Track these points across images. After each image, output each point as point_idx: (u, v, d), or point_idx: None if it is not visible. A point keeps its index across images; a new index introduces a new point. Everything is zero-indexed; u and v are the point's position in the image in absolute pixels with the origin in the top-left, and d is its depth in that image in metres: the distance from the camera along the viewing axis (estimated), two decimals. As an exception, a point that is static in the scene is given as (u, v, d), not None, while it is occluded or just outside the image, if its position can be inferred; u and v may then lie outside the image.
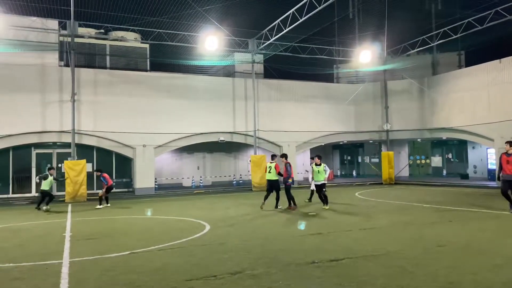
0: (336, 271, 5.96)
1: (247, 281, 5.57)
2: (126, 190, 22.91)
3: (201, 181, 26.70)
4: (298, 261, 6.54)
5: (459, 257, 6.66)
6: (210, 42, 21.41)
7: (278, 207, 13.51)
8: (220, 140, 24.33)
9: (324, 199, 13.51)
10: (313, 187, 15.10)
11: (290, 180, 13.42)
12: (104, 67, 22.65)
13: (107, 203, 16.00)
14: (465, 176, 26.94)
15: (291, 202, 13.34)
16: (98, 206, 15.54)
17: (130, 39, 23.55)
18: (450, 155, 31.27)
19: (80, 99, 20.82)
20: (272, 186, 13.39)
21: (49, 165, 19.51)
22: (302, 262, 6.47)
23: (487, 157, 25.06)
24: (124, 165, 23.21)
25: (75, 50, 20.26)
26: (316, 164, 13.63)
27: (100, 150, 22.10)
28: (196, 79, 24.23)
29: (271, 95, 25.67)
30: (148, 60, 23.92)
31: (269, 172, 13.40)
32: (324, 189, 13.59)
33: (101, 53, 22.90)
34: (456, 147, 30.08)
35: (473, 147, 27.16)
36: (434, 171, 31.81)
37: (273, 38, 22.28)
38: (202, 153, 27.99)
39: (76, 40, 20.70)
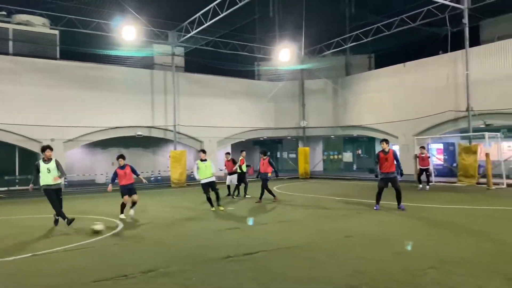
0: (251, 265, 6.04)
1: (160, 279, 5.42)
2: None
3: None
4: (213, 257, 6.52)
5: (366, 247, 7.11)
6: (127, 31, 20.48)
7: (246, 196, 15.42)
8: (137, 135, 23.45)
9: (217, 199, 12.33)
10: (228, 182, 15.48)
11: (269, 175, 14.23)
12: (6, 53, 20.56)
13: None
14: (373, 171, 28.95)
15: (272, 194, 14.09)
16: None
17: (37, 23, 21.63)
18: (360, 151, 33.43)
19: (-24, 87, 18.70)
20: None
21: None
22: (218, 258, 6.46)
23: (392, 153, 27.19)
24: (30, 161, 21.30)
25: (-30, 32, 18.14)
26: (201, 160, 12.29)
27: (1, 144, 20.07)
28: (112, 70, 23.04)
29: (192, 89, 25.29)
30: (58, 47, 22.17)
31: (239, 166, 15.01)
32: (216, 188, 12.31)
33: (3, 37, 20.72)
34: (366, 144, 32.22)
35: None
36: (345, 166, 33.81)
37: (194, 32, 21.96)
38: (117, 148, 26.62)
39: (-28, 21, 18.55)
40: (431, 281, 5.13)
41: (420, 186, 17.50)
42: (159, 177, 26.97)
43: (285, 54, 25.39)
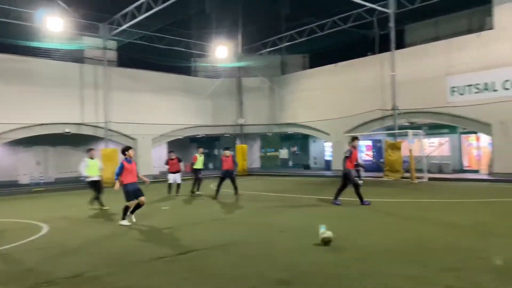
0: (184, 264, 5.95)
1: (87, 284, 5.17)
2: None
3: (41, 178, 23.90)
4: (144, 258, 6.33)
5: (298, 241, 7.30)
6: (53, 22, 19.24)
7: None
8: (65, 132, 22.12)
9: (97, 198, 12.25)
10: (171, 180, 15.68)
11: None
12: None
13: None
14: (307, 167, 29.96)
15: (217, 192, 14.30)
16: None
17: None
18: (295, 148, 34.32)
19: None
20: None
21: None
22: (149, 259, 6.29)
23: (324, 149, 28.27)
24: None
25: None
26: (90, 158, 12.33)
27: None
28: (38, 63, 21.49)
29: (125, 85, 24.32)
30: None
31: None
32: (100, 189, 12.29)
33: None
34: (301, 141, 33.12)
35: (314, 141, 30.29)
36: (282, 162, 34.55)
37: (127, 25, 21.17)
38: (43, 147, 25.05)
39: None
40: (357, 270, 5.39)
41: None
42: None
43: (222, 51, 25.34)
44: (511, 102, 17.58)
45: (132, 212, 9.65)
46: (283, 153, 34.67)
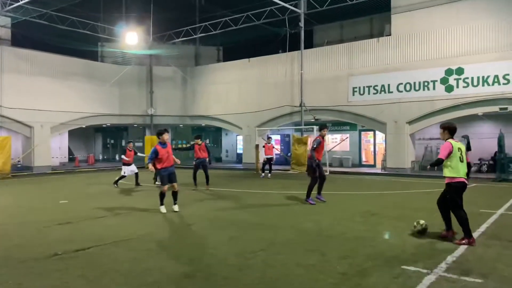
0: (80, 262, 5.61)
1: (-36, 288, 4.62)
2: None
3: None
4: (36, 256, 5.84)
5: (204, 235, 7.30)
6: None
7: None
8: None
9: None
10: (128, 173, 15.03)
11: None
12: None
13: None
14: (219, 159, 30.10)
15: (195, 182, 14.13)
16: None
17: None
18: (207, 141, 34.23)
19: None
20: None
21: None
22: (42, 256, 5.81)
23: (236, 142, 28.64)
24: None
25: None
26: None
27: None
28: None
29: (20, 67, 22.08)
30: None
31: None
32: None
33: None
34: (213, 133, 33.14)
35: (226, 134, 30.52)
36: (192, 154, 34.17)
37: (23, 1, 19.18)
38: None
39: None
40: (260, 262, 5.55)
41: (263, 174, 18.78)
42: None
43: (132, 37, 24.22)
44: (403, 103, 19.45)
45: (174, 202, 9.61)
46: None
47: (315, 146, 10.44)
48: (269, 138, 19.82)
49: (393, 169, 19.50)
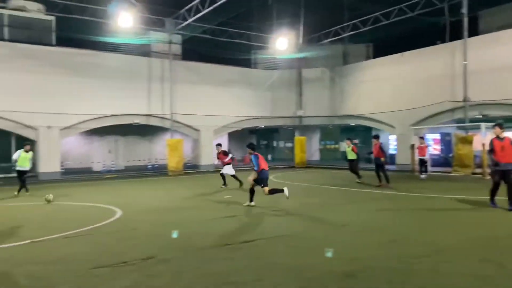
0: (246, 253, 6.10)
1: (158, 266, 5.47)
2: (28, 174, 21.00)
3: (112, 166, 25.50)
4: (210, 244, 6.57)
5: (360, 235, 7.19)
6: (123, 18, 20.29)
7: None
8: (134, 123, 23.37)
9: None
10: (225, 171, 15.47)
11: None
12: (2, 39, 20.31)
13: None
14: (369, 160, 29.08)
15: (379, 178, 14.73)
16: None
17: (32, 9, 21.35)
18: (357, 141, 33.48)
19: (-29, 74, 18.56)
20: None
21: None
22: (215, 245, 6.52)
23: (388, 142, 27.30)
24: (25, 147, 21.27)
25: (-36, 18, 17.93)
26: (25, 151, 14.08)
27: (-4, 131, 19.99)
28: (109, 57, 22.84)
29: (189, 78, 25.15)
30: (53, 34, 21.92)
31: None
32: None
33: (-2, 23, 20.44)
34: (363, 133, 32.24)
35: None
36: (342, 155, 33.84)
37: (191, 19, 21.79)
38: (114, 136, 26.67)
39: (-34, 6, 18.33)
40: (426, 269, 5.21)
41: (422, 176, 17.57)
42: (156, 165, 27.00)
43: (282, 43, 25.28)
44: None
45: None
46: (344, 145, 33.95)
47: (489, 148, 9.46)
48: (421, 138, 18.44)
49: None
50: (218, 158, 16.27)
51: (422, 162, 17.70)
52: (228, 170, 15.43)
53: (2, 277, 5.16)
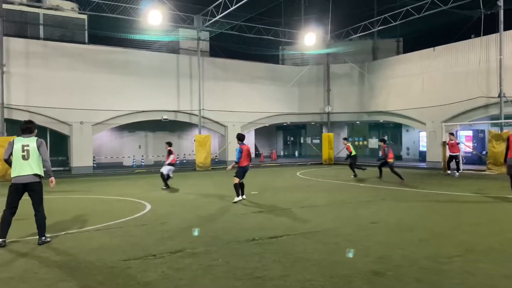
0: (275, 248, 6.12)
1: (187, 260, 5.57)
2: (62, 168, 21.81)
3: (142, 161, 26.05)
4: (238, 239, 6.64)
5: (390, 234, 7.08)
6: (153, 16, 20.63)
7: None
8: (164, 119, 23.78)
9: None
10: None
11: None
12: (38, 38, 21.07)
13: None
14: (399, 157, 28.55)
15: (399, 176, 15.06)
16: None
17: (66, 8, 22.03)
18: (385, 137, 32.88)
19: (10, 71, 19.34)
20: None
21: None
22: (243, 240, 6.58)
23: (419, 139, 26.70)
24: (60, 142, 22.04)
25: (3, 17, 18.68)
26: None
27: (32, 126, 20.73)
28: (138, 55, 23.33)
29: (216, 74, 25.36)
30: (86, 32, 22.56)
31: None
32: None
33: (34, 22, 21.21)
34: (392, 130, 31.67)
35: (407, 130, 28.76)
36: (371, 152, 33.36)
37: (219, 16, 21.92)
38: (144, 132, 27.25)
39: (5, 6, 19.08)
40: (457, 269, 5.08)
41: (449, 172, 17.27)
42: (184, 161, 27.40)
43: (310, 38, 25.06)
44: None
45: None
46: (373, 142, 33.43)
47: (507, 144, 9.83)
48: (451, 134, 18.02)
49: None
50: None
51: (452, 159, 17.35)
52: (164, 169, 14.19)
53: (37, 267, 5.38)
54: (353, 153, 17.70)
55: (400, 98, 24.74)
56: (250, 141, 31.77)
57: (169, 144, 14.47)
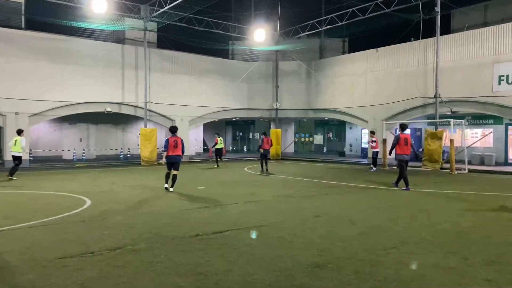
0: (219, 243, 6.09)
1: (127, 257, 5.40)
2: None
3: (83, 154, 24.93)
4: (182, 235, 6.54)
5: (331, 227, 7.31)
6: (97, 3, 19.73)
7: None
8: (107, 111, 22.85)
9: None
10: None
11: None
12: (-34, 20, 19.44)
13: None
14: (342, 154, 29.59)
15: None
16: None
17: (0, -10, 20.48)
18: (330, 134, 33.93)
19: None
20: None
21: None
22: (186, 236, 6.49)
23: (361, 136, 27.79)
24: (-8, 134, 20.54)
25: None
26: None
27: (-40, 116, 19.18)
28: (81, 43, 22.20)
29: (164, 66, 24.77)
30: (23, 16, 21.11)
31: None
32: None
33: (-38, 3, 19.54)
34: (336, 127, 32.71)
35: (350, 128, 29.81)
36: (316, 148, 34.29)
37: (168, 6, 21.39)
38: (86, 124, 26.04)
39: None
40: (392, 260, 5.34)
41: (374, 168, 18.67)
42: (128, 155, 26.56)
43: (260, 34, 25.17)
44: None
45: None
46: (318, 139, 34.38)
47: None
48: (371, 132, 20.43)
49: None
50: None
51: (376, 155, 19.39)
52: None
53: (-38, 267, 4.98)
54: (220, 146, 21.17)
55: (345, 97, 25.57)
56: (199, 135, 31.47)
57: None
